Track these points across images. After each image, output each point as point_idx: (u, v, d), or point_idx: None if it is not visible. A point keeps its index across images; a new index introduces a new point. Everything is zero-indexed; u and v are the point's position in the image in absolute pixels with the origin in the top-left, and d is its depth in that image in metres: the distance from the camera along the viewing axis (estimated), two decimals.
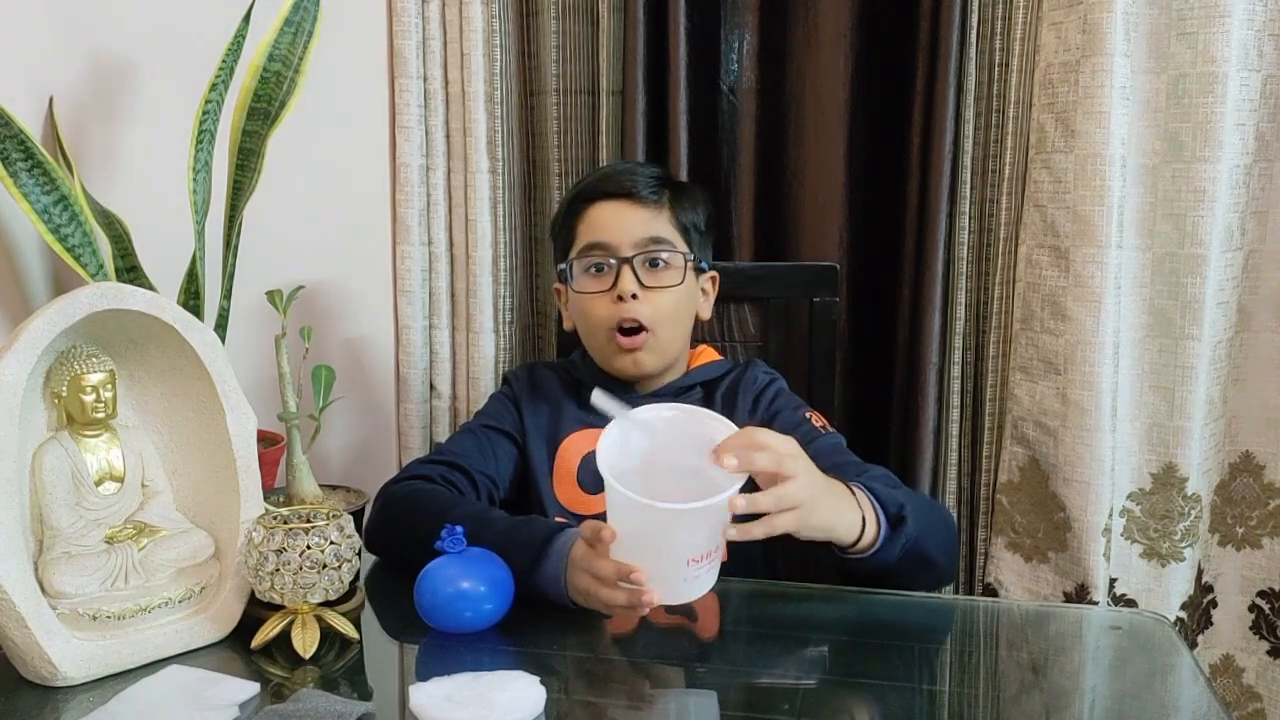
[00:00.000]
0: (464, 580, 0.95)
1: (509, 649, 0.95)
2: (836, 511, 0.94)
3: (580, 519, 1.20)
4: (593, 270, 1.20)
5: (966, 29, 1.38)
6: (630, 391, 1.22)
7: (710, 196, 1.33)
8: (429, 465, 1.18)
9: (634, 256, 1.17)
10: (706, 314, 1.27)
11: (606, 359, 1.21)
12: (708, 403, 1.22)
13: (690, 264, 1.20)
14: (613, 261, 1.18)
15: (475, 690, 0.82)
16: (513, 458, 1.24)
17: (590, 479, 1.20)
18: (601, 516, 1.19)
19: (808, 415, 1.20)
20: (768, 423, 1.19)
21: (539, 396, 1.27)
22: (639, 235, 1.18)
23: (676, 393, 1.22)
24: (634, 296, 1.16)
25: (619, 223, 1.19)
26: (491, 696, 0.81)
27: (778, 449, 0.89)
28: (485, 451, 1.22)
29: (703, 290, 1.26)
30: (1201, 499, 1.35)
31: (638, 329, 1.17)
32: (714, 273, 1.28)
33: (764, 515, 0.88)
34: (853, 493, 0.97)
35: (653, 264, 1.18)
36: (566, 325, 1.28)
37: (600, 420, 1.17)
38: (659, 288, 1.17)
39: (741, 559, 1.08)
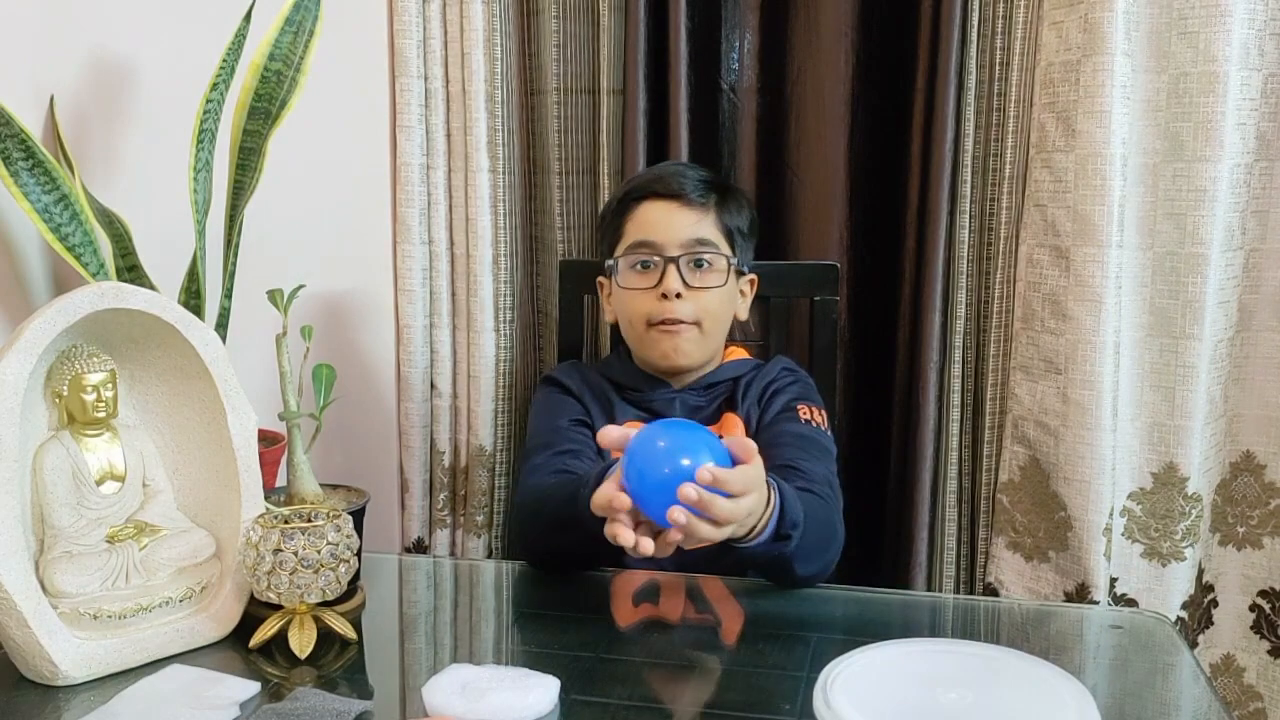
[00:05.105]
0: (683, 456, 0.85)
1: (520, 648, 0.95)
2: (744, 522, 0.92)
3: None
4: (639, 267, 1.23)
5: (967, 28, 1.38)
6: (663, 386, 1.25)
7: (752, 199, 1.36)
8: (540, 471, 1.17)
9: (679, 256, 1.21)
10: (744, 315, 1.31)
11: (646, 349, 1.24)
12: (733, 396, 1.25)
13: (733, 267, 1.24)
14: (658, 260, 1.21)
15: (489, 684, 0.82)
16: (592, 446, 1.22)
17: None
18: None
19: (797, 405, 1.22)
20: (763, 411, 1.22)
21: (594, 393, 1.27)
22: (685, 236, 1.22)
23: (706, 387, 1.25)
24: (678, 295, 1.20)
25: (667, 223, 1.23)
26: (501, 694, 0.81)
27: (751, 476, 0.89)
28: (579, 436, 1.22)
29: (741, 292, 1.30)
30: (1202, 498, 1.35)
31: (678, 325, 1.20)
32: (753, 276, 1.31)
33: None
34: (768, 498, 0.94)
35: (697, 264, 1.22)
36: (608, 318, 1.32)
37: (646, 416, 1.21)
38: (702, 288, 1.21)
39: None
